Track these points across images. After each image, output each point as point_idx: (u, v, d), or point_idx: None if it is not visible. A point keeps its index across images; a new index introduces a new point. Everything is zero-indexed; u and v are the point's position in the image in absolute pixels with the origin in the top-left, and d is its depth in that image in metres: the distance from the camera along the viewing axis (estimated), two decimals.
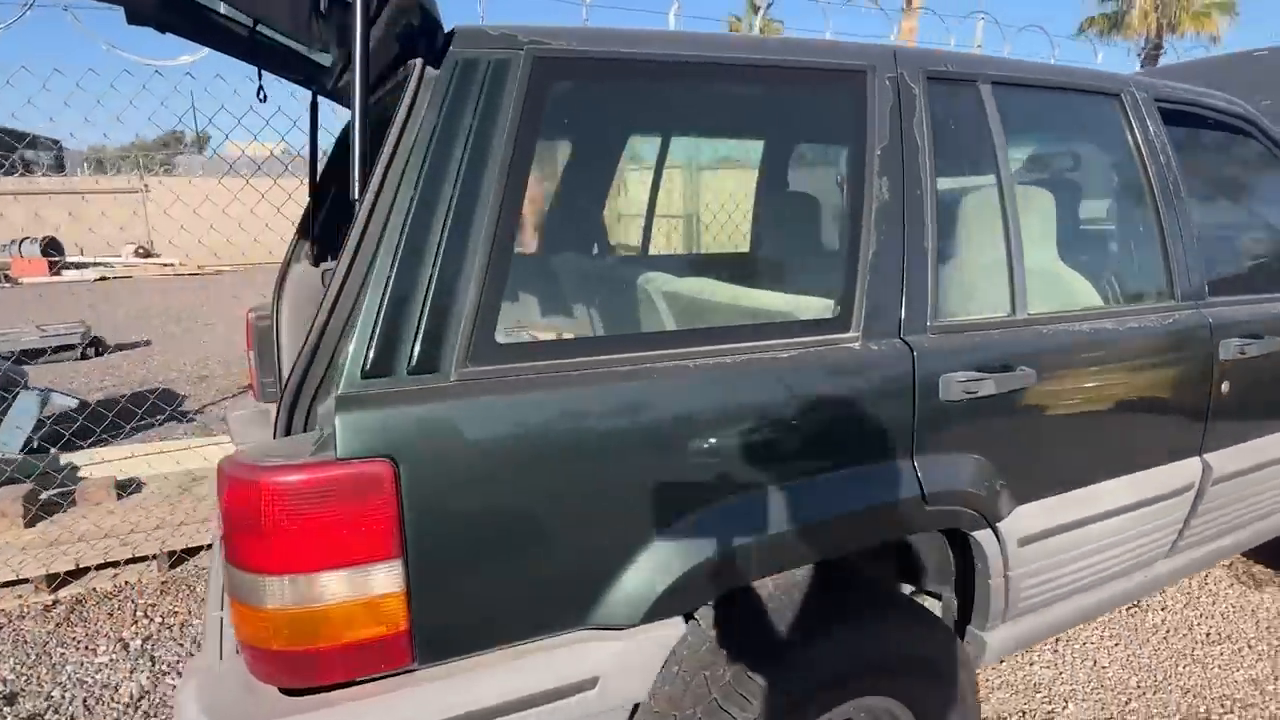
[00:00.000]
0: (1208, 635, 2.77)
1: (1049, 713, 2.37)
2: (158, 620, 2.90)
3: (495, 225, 1.18)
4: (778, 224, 1.56)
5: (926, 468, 1.49)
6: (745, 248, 1.51)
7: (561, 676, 1.20)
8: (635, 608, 1.24)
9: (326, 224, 2.49)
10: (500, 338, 1.19)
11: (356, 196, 1.20)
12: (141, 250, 16.96)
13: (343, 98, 2.36)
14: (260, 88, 2.25)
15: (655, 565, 1.24)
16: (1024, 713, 2.36)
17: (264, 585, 1.08)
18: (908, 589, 1.88)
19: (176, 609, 2.98)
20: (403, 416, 1.10)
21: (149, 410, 4.81)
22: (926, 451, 1.50)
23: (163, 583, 3.15)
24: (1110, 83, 1.92)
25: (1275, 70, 3.49)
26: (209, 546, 3.25)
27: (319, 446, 1.09)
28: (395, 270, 1.13)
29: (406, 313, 1.13)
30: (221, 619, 1.54)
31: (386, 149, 1.16)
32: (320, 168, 2.45)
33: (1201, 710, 2.39)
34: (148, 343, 8.63)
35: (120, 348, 8.24)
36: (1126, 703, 2.42)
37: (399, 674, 1.15)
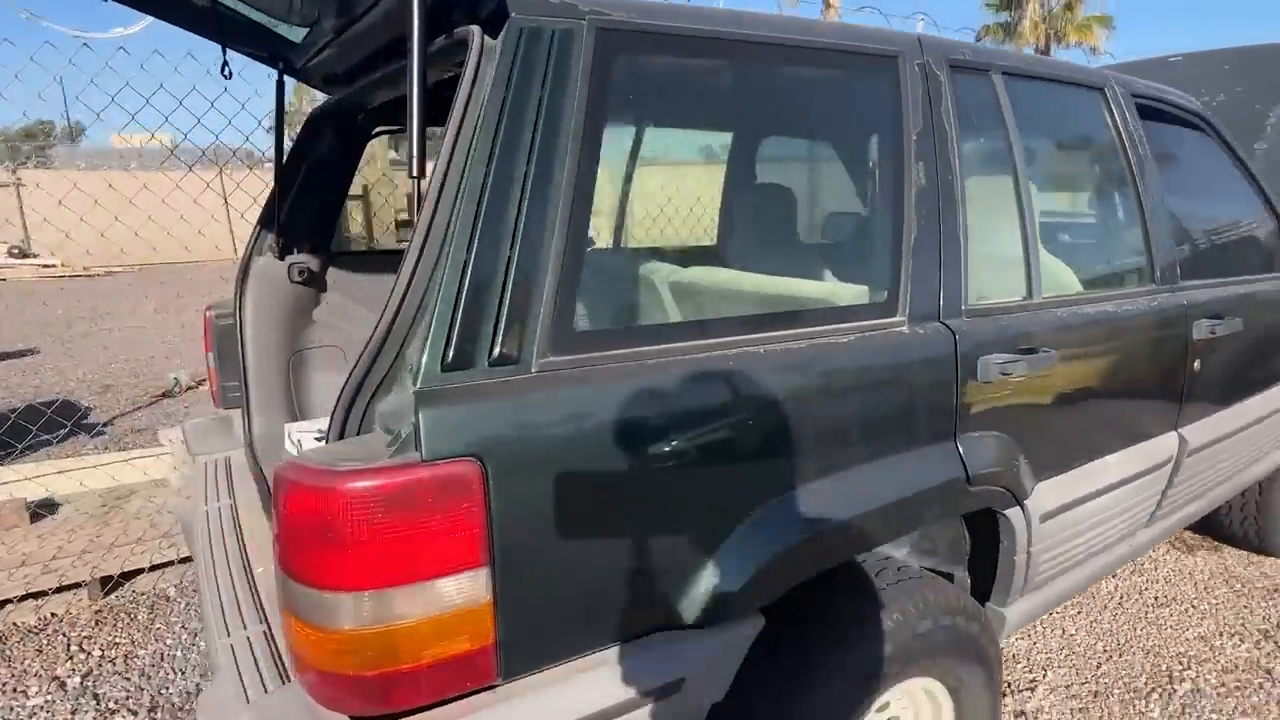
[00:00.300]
0: (1156, 599, 2.98)
1: (1031, 681, 2.48)
2: (96, 654, 2.63)
3: (571, 205, 1.11)
4: (824, 210, 1.55)
5: (968, 449, 1.52)
6: (781, 235, 1.49)
7: (649, 682, 1.15)
8: (719, 603, 1.20)
9: (294, 214, 2.31)
10: (578, 325, 1.12)
11: (416, 174, 1.10)
12: (16, 250, 15.42)
13: (312, 78, 2.19)
14: (225, 63, 2.06)
15: (738, 557, 1.20)
16: (1010, 684, 2.46)
17: (339, 604, 0.97)
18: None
19: (117, 640, 2.70)
20: (489, 412, 1.01)
21: (46, 425, 4.35)
22: (968, 433, 1.52)
23: (96, 612, 2.86)
24: (1096, 77, 2.02)
25: (1187, 77, 3.77)
26: (153, 568, 2.97)
27: (397, 447, 0.99)
28: (474, 254, 1.04)
29: (487, 300, 1.04)
30: (233, 645, 1.40)
31: (451, 126, 1.07)
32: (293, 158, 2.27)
33: (1163, 668, 2.55)
34: (35, 351, 7.84)
35: (4, 357, 7.46)
36: (1098, 667, 2.56)
37: (482, 691, 1.06)
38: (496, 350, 1.04)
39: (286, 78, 2.18)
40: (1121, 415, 1.92)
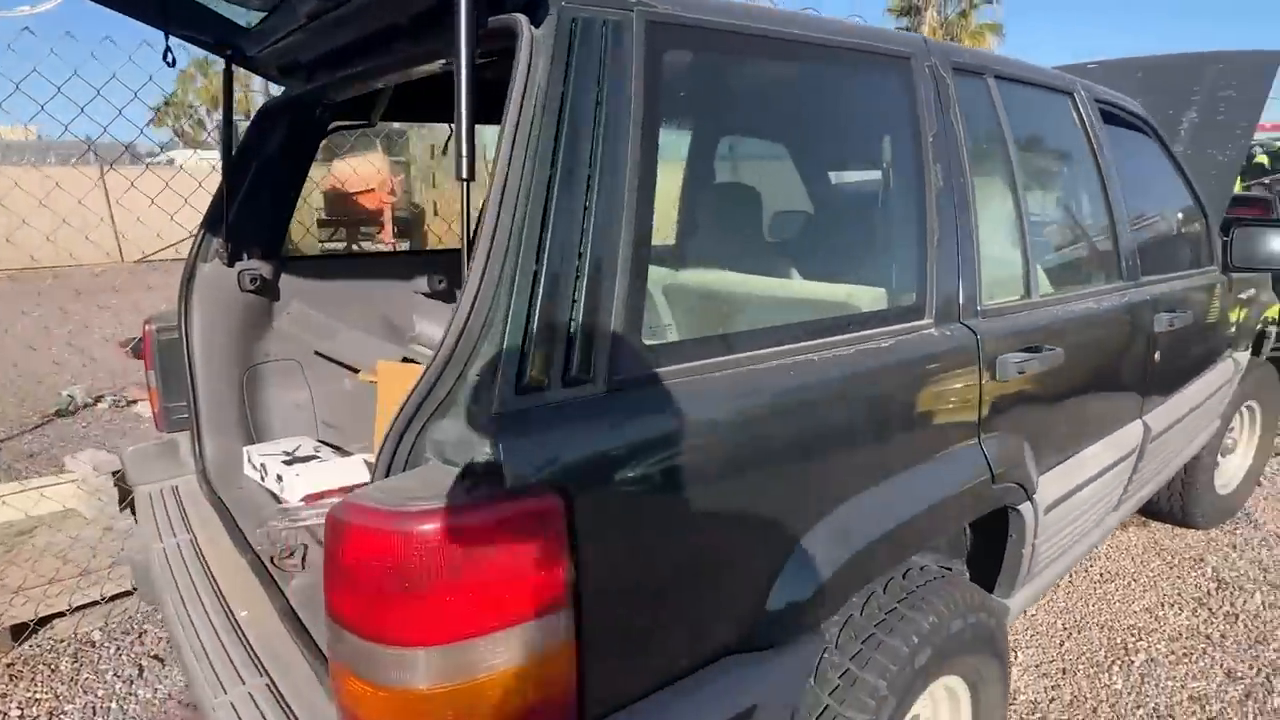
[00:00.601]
0: (1101, 575, 3.16)
1: None
2: (14, 713, 2.33)
3: (636, 208, 1.03)
4: (850, 213, 1.52)
5: (990, 447, 1.54)
6: (800, 237, 1.46)
7: (724, 713, 1.09)
8: (785, 622, 1.15)
9: (243, 216, 2.11)
10: (646, 338, 1.04)
11: (465, 176, 1.00)
12: None
13: (267, 67, 2.00)
14: (167, 49, 1.85)
15: (802, 573, 1.16)
16: None
17: (414, 659, 0.86)
18: None
19: (37, 695, 2.41)
20: (570, 437, 0.93)
21: None
22: (989, 432, 1.54)
23: (8, 665, 2.53)
24: (1065, 81, 2.09)
25: (1103, 83, 4.02)
26: (74, 610, 2.66)
27: (472, 480, 0.88)
28: (545, 263, 0.95)
29: (560, 312, 0.95)
30: (233, 703, 1.25)
31: (508, 123, 0.97)
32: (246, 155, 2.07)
33: (1119, 641, 2.71)
34: None
35: None
36: (1061, 645, 2.68)
37: None
38: (571, 369, 0.96)
39: (237, 68, 1.98)
40: (1103, 406, 2.01)
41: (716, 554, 1.08)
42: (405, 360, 2.00)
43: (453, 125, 1.04)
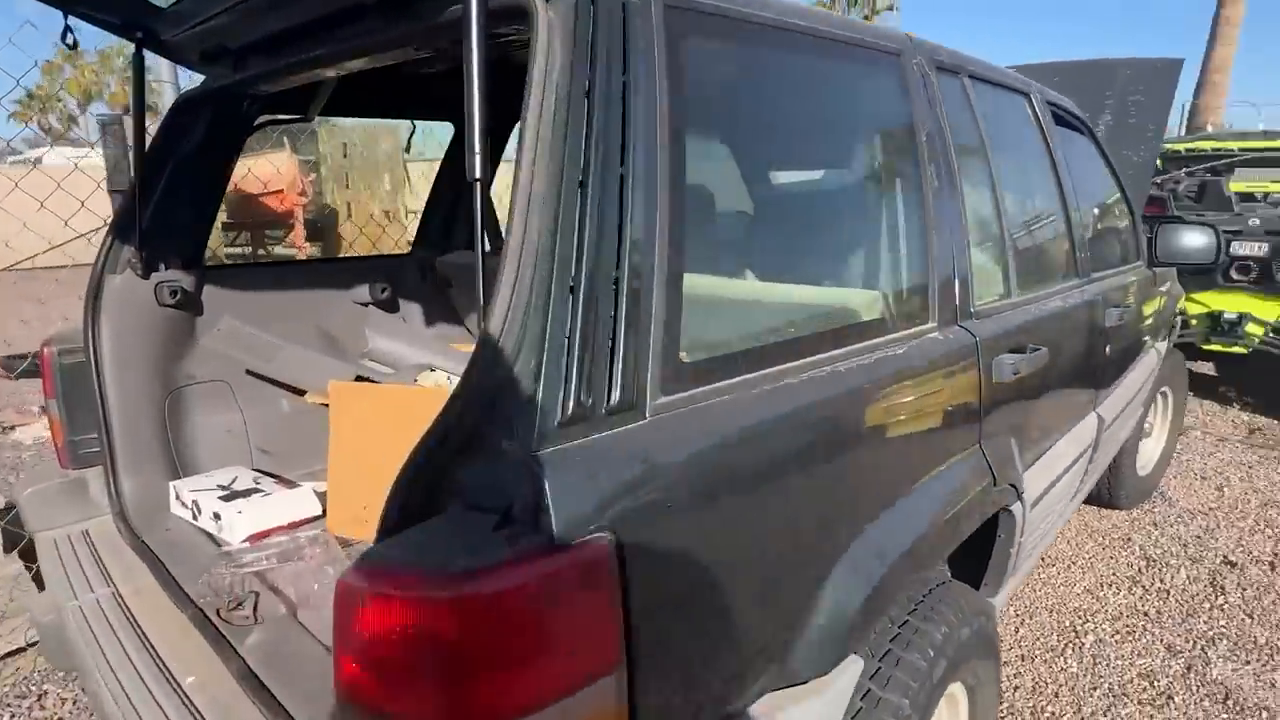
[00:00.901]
0: (1043, 559, 3.27)
1: None
2: None
3: (670, 210, 0.93)
4: (860, 214, 1.47)
5: (989, 450, 1.52)
6: (806, 241, 1.38)
7: None
8: (824, 652, 1.08)
9: (160, 220, 1.87)
10: (684, 355, 0.94)
11: (478, 176, 0.87)
12: None
13: (186, 54, 1.78)
14: (67, 28, 1.60)
15: (839, 598, 1.09)
16: None
17: None
18: None
19: None
20: (619, 473, 0.82)
21: None
22: (987, 436, 1.52)
23: None
24: (1023, 81, 2.12)
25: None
26: None
27: (512, 530, 0.76)
28: (585, 273, 0.83)
29: (601, 331, 0.84)
30: None
31: (530, 116, 0.85)
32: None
33: (1068, 624, 2.80)
34: None
35: None
36: (1016, 631, 2.75)
37: None
38: (615, 394, 0.85)
39: (149, 53, 1.74)
40: (1069, 402, 2.05)
41: (762, 585, 0.99)
42: (360, 379, 1.81)
43: (412, 120, 0.90)
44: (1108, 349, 2.29)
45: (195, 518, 1.77)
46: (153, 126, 1.93)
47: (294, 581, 1.56)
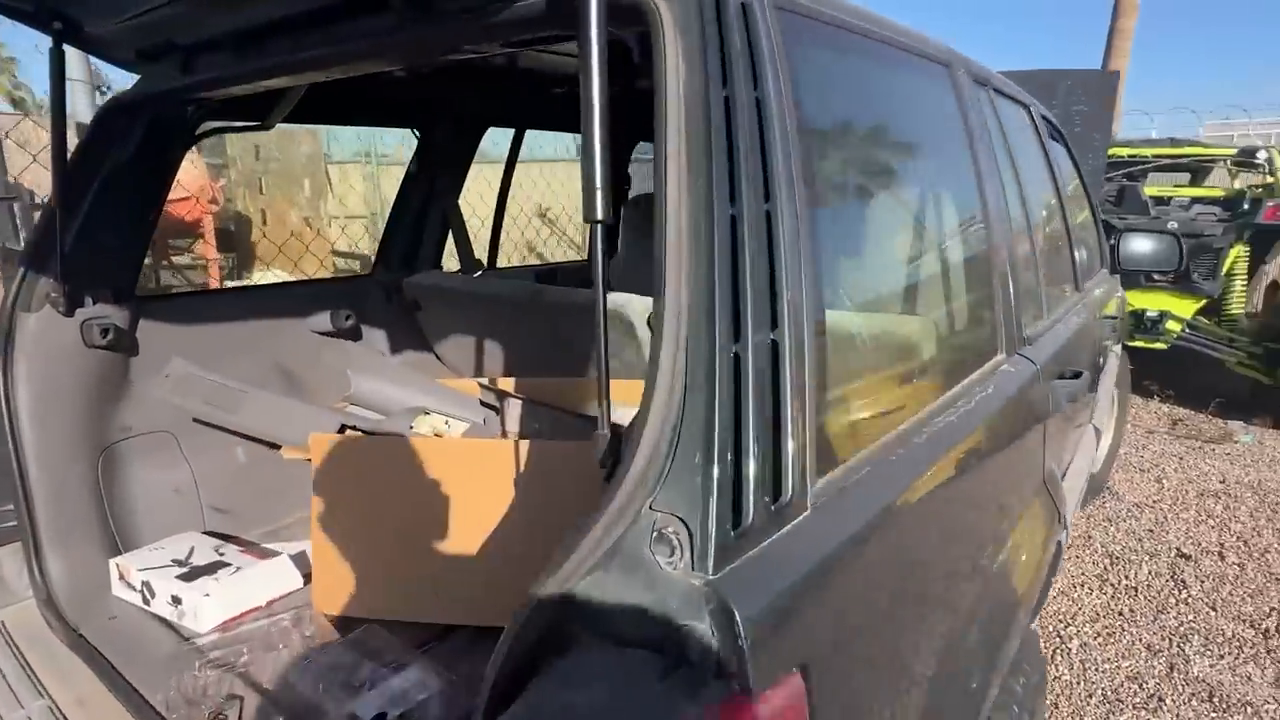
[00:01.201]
0: None
1: None
2: None
3: (810, 249, 0.77)
4: (944, 240, 1.35)
5: (1051, 485, 1.45)
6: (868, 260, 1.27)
7: None
8: None
9: (85, 246, 1.58)
10: (830, 426, 0.79)
11: (599, 218, 0.69)
12: None
13: (116, 50, 1.50)
14: None
15: (979, 675, 0.97)
16: None
17: None
18: None
19: None
20: (804, 592, 0.66)
21: None
22: (1049, 471, 1.45)
23: None
24: (1024, 94, 2.09)
25: None
26: None
27: (689, 678, 0.59)
28: (748, 337, 0.66)
29: (765, 408, 0.67)
30: None
31: (670, 135, 0.68)
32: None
33: (1052, 629, 2.82)
34: None
35: None
36: None
37: None
38: (784, 490, 0.68)
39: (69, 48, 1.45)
40: (1080, 419, 2.03)
41: (921, 684, 0.86)
42: (344, 429, 1.57)
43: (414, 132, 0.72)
44: (1101, 359, 2.30)
45: (147, 602, 1.48)
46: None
47: (283, 677, 1.32)
